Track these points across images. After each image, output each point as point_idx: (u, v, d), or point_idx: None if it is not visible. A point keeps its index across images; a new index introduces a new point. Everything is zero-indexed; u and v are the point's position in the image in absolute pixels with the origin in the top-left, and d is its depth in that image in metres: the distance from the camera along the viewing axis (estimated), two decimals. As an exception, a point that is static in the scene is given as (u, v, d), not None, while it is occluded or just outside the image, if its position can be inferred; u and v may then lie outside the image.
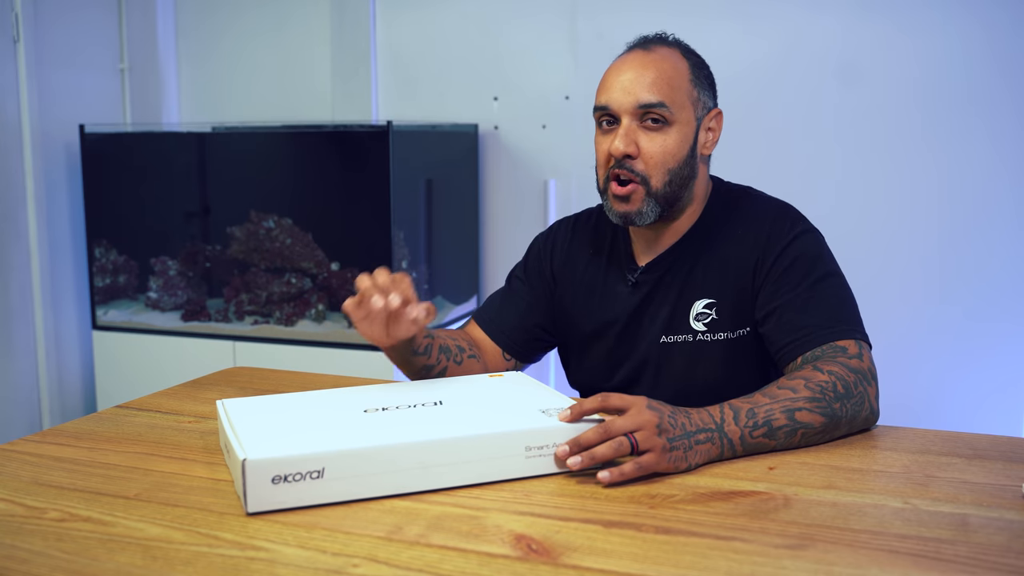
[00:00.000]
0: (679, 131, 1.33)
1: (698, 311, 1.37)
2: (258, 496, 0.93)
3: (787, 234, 1.34)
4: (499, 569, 0.80)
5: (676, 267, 1.40)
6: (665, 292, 1.40)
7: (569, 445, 1.02)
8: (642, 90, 1.31)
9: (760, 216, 1.38)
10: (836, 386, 1.15)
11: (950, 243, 2.57)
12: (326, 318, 2.75)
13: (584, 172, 2.89)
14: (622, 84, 1.33)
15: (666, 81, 1.32)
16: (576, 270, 1.49)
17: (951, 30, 2.50)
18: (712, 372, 1.37)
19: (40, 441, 1.18)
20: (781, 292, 1.31)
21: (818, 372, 1.17)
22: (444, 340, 1.41)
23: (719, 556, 0.83)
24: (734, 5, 2.69)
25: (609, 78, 1.36)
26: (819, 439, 1.14)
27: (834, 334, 1.25)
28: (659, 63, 1.34)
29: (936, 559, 0.82)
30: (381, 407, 1.10)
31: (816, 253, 1.34)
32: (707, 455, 1.07)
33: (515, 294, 1.54)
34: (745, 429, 1.09)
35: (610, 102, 1.33)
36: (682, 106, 1.33)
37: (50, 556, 0.84)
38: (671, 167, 1.33)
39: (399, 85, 3.07)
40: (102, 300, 2.96)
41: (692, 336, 1.37)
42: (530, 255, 1.57)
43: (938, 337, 2.60)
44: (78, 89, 3.08)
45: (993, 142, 2.50)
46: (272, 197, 2.82)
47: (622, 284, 1.44)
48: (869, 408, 1.19)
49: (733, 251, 1.37)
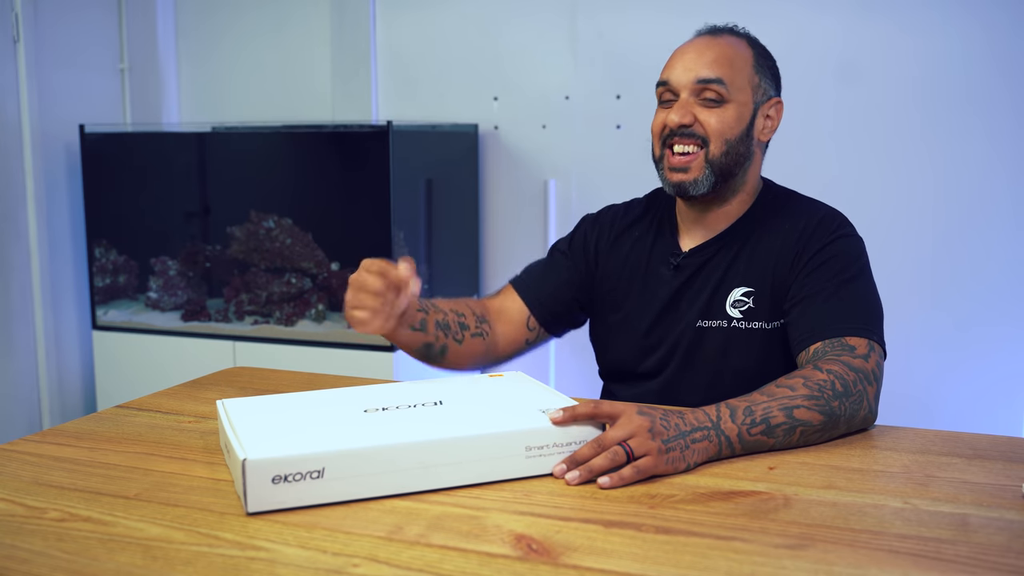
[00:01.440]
0: (736, 109, 1.38)
1: (735, 298, 1.39)
2: (258, 496, 0.93)
3: (831, 233, 1.37)
4: (499, 569, 0.80)
5: (721, 254, 1.42)
6: (707, 277, 1.41)
7: (566, 462, 1.03)
8: (702, 67, 1.37)
9: (809, 214, 1.41)
10: (835, 384, 1.15)
11: (948, 243, 2.57)
12: (326, 318, 2.75)
13: (584, 172, 2.89)
14: (684, 62, 1.39)
15: (727, 61, 1.38)
16: (621, 251, 1.51)
17: (951, 30, 2.50)
18: (744, 361, 1.37)
19: (40, 441, 1.18)
20: (811, 284, 1.33)
21: (817, 371, 1.17)
22: (443, 315, 1.40)
23: (719, 556, 0.83)
24: (734, 5, 2.68)
25: (673, 58, 1.41)
26: (818, 438, 1.14)
27: (848, 330, 1.26)
28: (722, 46, 1.40)
29: (936, 559, 0.82)
30: (381, 407, 1.11)
31: (854, 256, 1.36)
32: (705, 453, 1.07)
33: (556, 265, 1.55)
34: (743, 427, 1.09)
35: (670, 78, 1.39)
36: (740, 88, 1.38)
37: (50, 556, 0.84)
38: (728, 138, 1.37)
39: (399, 85, 3.07)
40: (102, 300, 2.96)
41: (727, 322, 1.39)
42: (577, 232, 1.57)
43: (938, 337, 2.60)
44: (78, 89, 3.08)
45: (992, 142, 2.50)
46: (272, 197, 2.82)
47: (665, 267, 1.45)
48: (868, 408, 1.19)
49: (778, 243, 1.39)
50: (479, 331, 1.45)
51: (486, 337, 1.46)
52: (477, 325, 1.45)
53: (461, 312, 1.44)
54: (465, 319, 1.43)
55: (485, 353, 1.46)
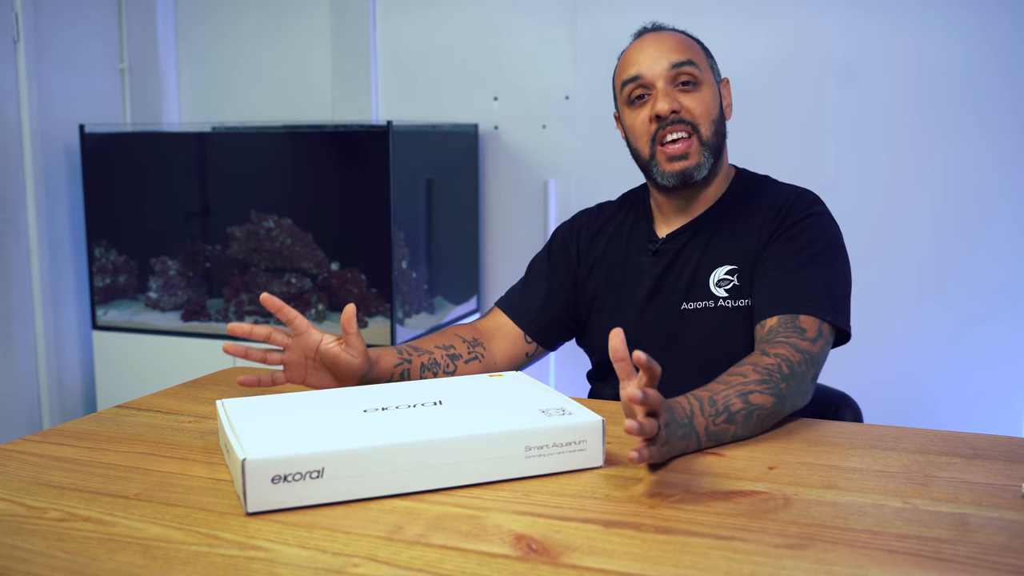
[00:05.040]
0: (709, 89, 1.40)
1: (720, 277, 1.39)
2: (258, 496, 0.93)
3: (804, 210, 1.38)
4: (499, 569, 0.80)
5: (699, 236, 1.42)
6: (686, 259, 1.42)
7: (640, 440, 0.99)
8: (670, 52, 1.38)
9: (783, 193, 1.42)
10: (781, 367, 1.18)
11: (949, 243, 2.57)
12: (326, 318, 2.75)
13: (584, 172, 2.89)
14: (649, 54, 1.39)
15: (687, 46, 1.41)
16: (599, 248, 1.52)
17: (951, 30, 2.50)
18: (734, 340, 1.37)
19: (40, 441, 1.18)
20: (776, 256, 1.34)
21: (764, 356, 1.20)
22: (428, 355, 1.38)
23: (719, 556, 0.83)
24: (734, 5, 2.69)
25: (632, 56, 1.42)
26: (770, 420, 1.17)
27: (802, 308, 1.27)
28: (674, 36, 1.42)
29: (936, 559, 0.82)
30: (381, 407, 1.11)
31: (822, 234, 1.36)
32: (683, 449, 1.08)
33: (538, 280, 1.55)
34: (709, 419, 1.10)
35: (641, 71, 1.39)
36: (706, 68, 1.41)
37: (50, 556, 0.84)
38: (713, 118, 1.39)
39: (399, 85, 3.07)
40: (102, 300, 2.96)
41: (714, 302, 1.39)
42: (554, 241, 1.58)
43: (938, 336, 2.60)
44: (78, 89, 3.08)
45: (992, 142, 2.50)
46: (272, 197, 2.82)
47: (644, 255, 1.46)
48: (806, 388, 1.22)
49: (755, 220, 1.40)
50: (473, 355, 1.44)
51: (482, 359, 1.45)
52: (470, 350, 1.44)
53: (449, 344, 1.42)
54: (455, 349, 1.42)
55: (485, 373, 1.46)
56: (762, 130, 2.65)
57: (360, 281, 2.71)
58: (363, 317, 2.68)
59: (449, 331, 1.46)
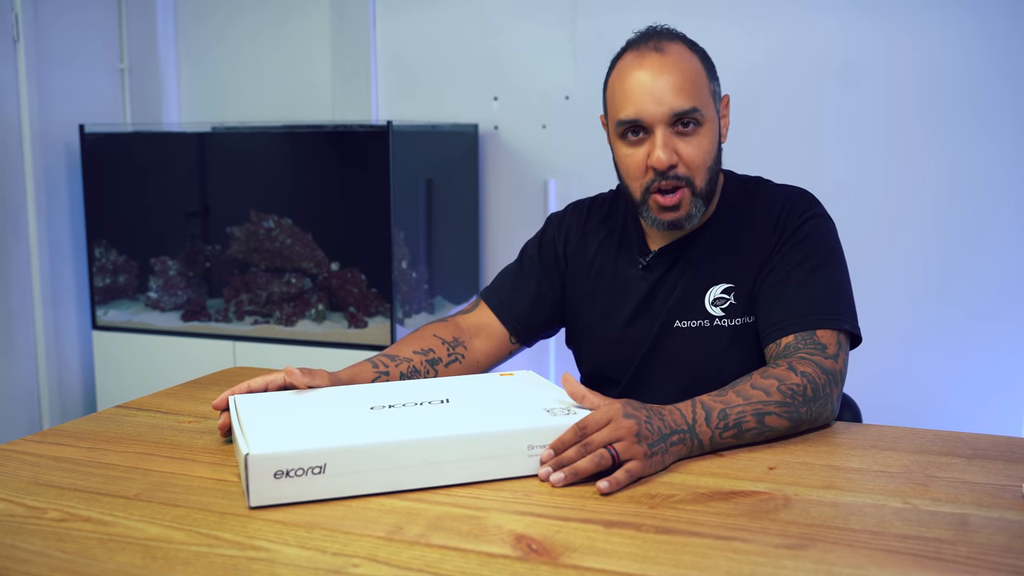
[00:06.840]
0: (709, 130, 1.31)
1: (716, 296, 1.37)
2: (260, 490, 0.93)
3: (802, 214, 1.35)
4: (499, 569, 0.80)
5: (692, 251, 1.39)
6: (677, 276, 1.39)
7: (551, 464, 1.02)
8: (673, 97, 1.28)
9: (777, 200, 1.38)
10: (807, 390, 1.17)
11: (950, 243, 2.57)
12: (326, 318, 2.75)
13: (584, 172, 2.89)
14: (651, 94, 1.28)
15: (691, 83, 1.29)
16: (587, 254, 1.48)
17: (951, 30, 2.50)
18: (730, 357, 1.36)
19: (40, 441, 1.18)
20: (781, 268, 1.32)
21: (792, 373, 1.18)
22: (407, 364, 1.35)
23: (719, 556, 0.83)
24: (734, 5, 2.69)
25: (631, 87, 1.30)
26: (779, 436, 1.17)
27: (819, 323, 1.26)
28: (679, 64, 1.30)
29: (936, 559, 0.82)
30: (388, 404, 1.11)
31: (822, 238, 1.34)
32: (678, 455, 1.08)
33: (528, 276, 1.51)
34: (716, 431, 1.10)
35: (641, 115, 1.29)
36: (708, 104, 1.31)
37: (50, 556, 0.84)
38: (710, 166, 1.33)
39: (399, 85, 3.07)
40: (102, 300, 2.96)
41: (709, 321, 1.37)
42: (544, 234, 1.54)
43: (938, 337, 2.60)
44: (78, 89, 3.07)
45: (993, 142, 2.50)
46: (272, 197, 2.82)
47: (633, 268, 1.43)
48: (830, 410, 1.21)
49: (750, 235, 1.37)
50: (453, 357, 1.41)
51: (462, 360, 1.42)
52: (450, 352, 1.41)
53: (428, 348, 1.39)
54: (434, 353, 1.39)
55: (465, 374, 1.42)
56: (763, 131, 2.65)
57: (360, 281, 2.71)
58: (363, 317, 2.68)
59: (427, 331, 1.42)
